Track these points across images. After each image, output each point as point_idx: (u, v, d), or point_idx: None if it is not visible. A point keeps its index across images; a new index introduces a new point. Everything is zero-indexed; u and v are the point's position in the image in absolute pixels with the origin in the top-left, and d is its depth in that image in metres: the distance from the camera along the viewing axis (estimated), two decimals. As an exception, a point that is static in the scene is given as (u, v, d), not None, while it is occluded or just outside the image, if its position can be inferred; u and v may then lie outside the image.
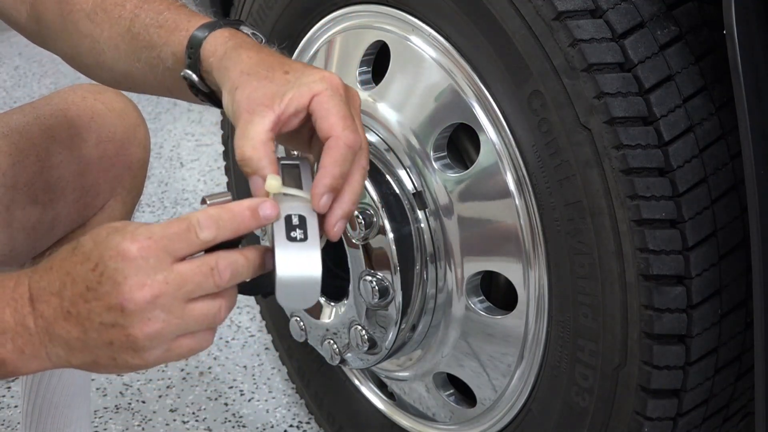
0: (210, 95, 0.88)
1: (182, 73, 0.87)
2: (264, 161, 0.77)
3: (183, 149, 3.01)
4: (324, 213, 0.77)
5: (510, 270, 1.12)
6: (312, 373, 1.57)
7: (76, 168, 1.20)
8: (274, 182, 0.76)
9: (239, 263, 0.73)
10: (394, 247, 1.17)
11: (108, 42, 0.94)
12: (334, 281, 1.34)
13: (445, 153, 1.19)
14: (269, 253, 0.74)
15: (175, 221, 0.72)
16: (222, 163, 1.71)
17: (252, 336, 1.97)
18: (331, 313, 1.30)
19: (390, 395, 1.43)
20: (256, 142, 0.77)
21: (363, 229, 1.17)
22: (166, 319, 0.70)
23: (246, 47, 0.84)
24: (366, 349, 1.24)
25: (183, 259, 0.71)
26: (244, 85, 0.80)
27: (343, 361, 1.31)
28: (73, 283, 0.71)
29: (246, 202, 0.73)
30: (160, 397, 1.78)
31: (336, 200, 0.77)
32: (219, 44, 0.85)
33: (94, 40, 0.95)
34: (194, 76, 0.86)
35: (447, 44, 1.13)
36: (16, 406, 1.68)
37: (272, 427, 1.68)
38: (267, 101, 0.78)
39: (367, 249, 1.19)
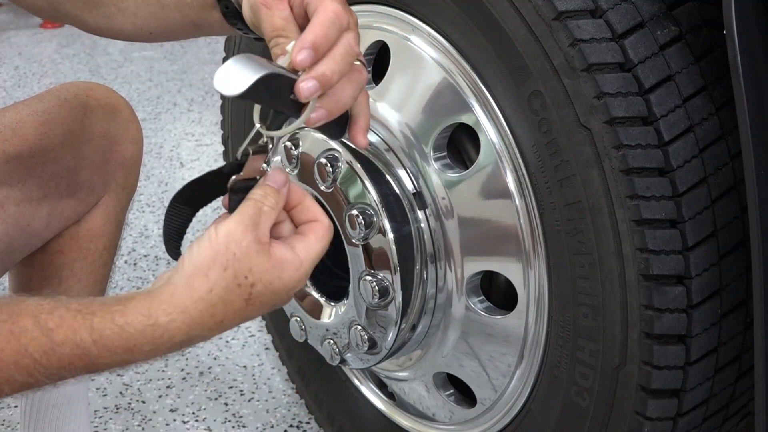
0: (240, 15, 0.91)
1: None
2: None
3: (183, 149, 3.01)
4: (300, 70, 0.78)
5: (510, 270, 1.12)
6: (312, 373, 1.57)
7: (70, 164, 1.20)
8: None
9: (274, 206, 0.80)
10: (394, 247, 1.17)
11: None
12: (334, 281, 1.34)
13: (445, 153, 1.19)
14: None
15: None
16: (222, 163, 1.71)
17: (252, 336, 1.97)
18: (331, 313, 1.30)
19: (390, 395, 1.43)
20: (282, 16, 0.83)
21: (363, 229, 1.17)
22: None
23: None
24: (366, 349, 1.24)
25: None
26: None
27: (343, 361, 1.30)
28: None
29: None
30: (160, 397, 1.78)
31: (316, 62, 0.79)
32: None
33: None
34: None
35: (447, 44, 1.13)
36: (15, 406, 1.68)
37: (272, 427, 1.69)
38: None
39: (367, 249, 1.19)
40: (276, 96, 0.78)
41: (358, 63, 0.83)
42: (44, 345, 0.74)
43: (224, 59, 1.56)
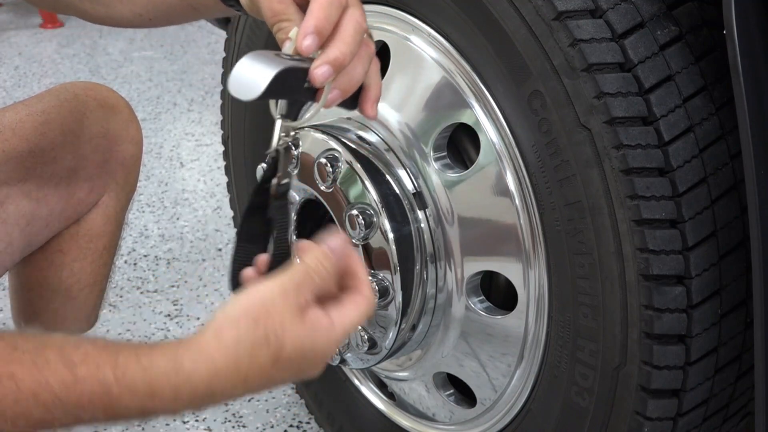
0: None
1: None
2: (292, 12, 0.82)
3: (183, 149, 3.01)
4: (308, 55, 0.78)
5: (510, 270, 1.12)
6: (312, 373, 1.57)
7: (69, 164, 1.20)
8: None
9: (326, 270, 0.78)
10: (394, 247, 1.17)
11: None
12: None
13: (445, 153, 1.19)
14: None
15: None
16: (222, 163, 1.71)
17: (252, 336, 1.96)
18: (331, 313, 1.30)
19: (390, 395, 1.43)
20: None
21: (363, 229, 1.17)
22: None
23: None
24: (366, 349, 1.24)
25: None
26: None
27: (343, 361, 1.30)
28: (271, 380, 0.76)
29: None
30: (160, 397, 1.78)
31: (324, 45, 0.79)
32: None
33: None
34: None
35: (447, 44, 1.13)
36: (16, 406, 1.68)
37: (272, 427, 1.68)
38: None
39: (367, 249, 1.19)
40: (291, 87, 0.78)
41: (365, 36, 0.83)
42: (66, 378, 0.72)
43: (224, 59, 1.55)
